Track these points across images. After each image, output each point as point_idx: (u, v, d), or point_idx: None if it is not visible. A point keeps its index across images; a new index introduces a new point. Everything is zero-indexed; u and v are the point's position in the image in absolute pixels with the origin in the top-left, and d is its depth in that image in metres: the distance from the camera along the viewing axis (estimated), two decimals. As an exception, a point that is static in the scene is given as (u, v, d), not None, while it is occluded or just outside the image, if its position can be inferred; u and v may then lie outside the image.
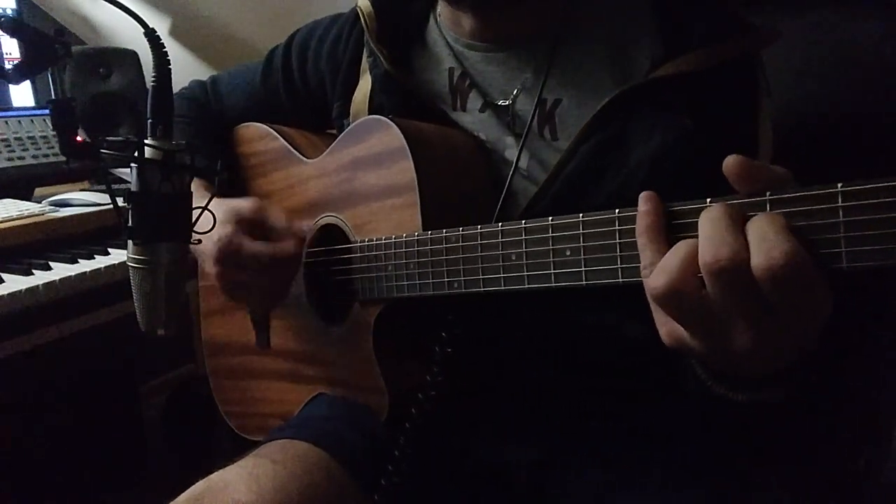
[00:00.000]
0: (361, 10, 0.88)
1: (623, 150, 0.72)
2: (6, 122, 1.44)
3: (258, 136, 1.04)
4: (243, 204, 0.89)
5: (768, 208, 0.47)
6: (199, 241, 0.71)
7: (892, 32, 0.84)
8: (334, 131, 0.95)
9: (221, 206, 0.87)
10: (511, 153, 0.80)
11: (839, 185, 0.44)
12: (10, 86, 1.49)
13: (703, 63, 0.69)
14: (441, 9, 0.87)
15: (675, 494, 0.74)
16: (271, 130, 1.02)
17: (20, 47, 0.65)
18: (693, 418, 0.78)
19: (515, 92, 0.79)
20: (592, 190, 0.72)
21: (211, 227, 0.75)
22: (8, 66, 1.44)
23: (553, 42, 0.77)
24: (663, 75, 0.70)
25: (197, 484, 0.72)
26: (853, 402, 0.86)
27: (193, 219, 0.68)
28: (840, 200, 0.44)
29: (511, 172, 0.78)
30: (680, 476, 0.75)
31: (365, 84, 0.89)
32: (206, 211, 0.70)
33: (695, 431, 0.79)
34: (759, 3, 0.87)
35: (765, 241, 0.45)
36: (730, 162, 0.49)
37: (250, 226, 0.88)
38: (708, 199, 0.50)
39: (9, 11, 1.51)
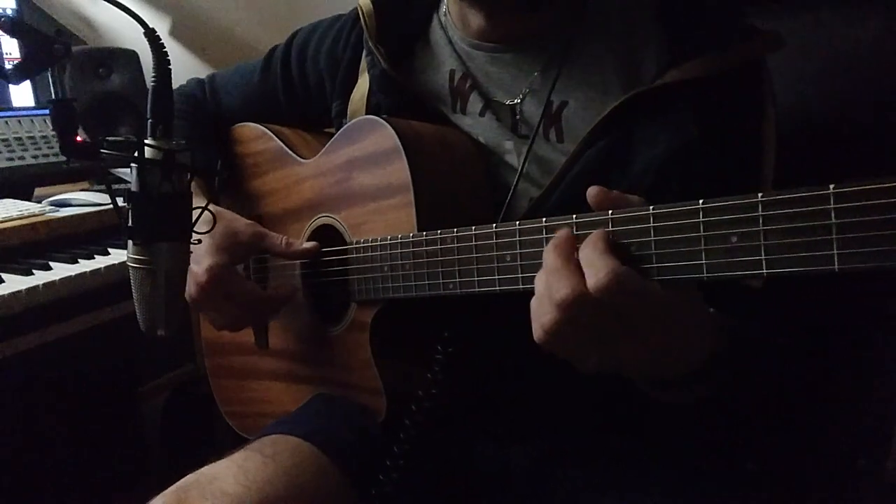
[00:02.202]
0: (361, 8, 0.88)
1: (628, 155, 0.72)
2: (6, 122, 1.43)
3: (254, 136, 1.04)
4: (240, 228, 0.89)
5: (760, 209, 0.47)
6: (199, 241, 0.71)
7: (892, 32, 0.84)
8: (332, 130, 0.95)
9: (218, 225, 0.88)
10: (511, 157, 0.80)
11: (832, 186, 0.44)
12: (10, 86, 1.49)
13: (710, 69, 0.69)
14: (449, 7, 0.86)
15: (675, 494, 0.73)
16: (267, 131, 1.02)
17: (20, 47, 0.65)
18: (692, 419, 0.78)
19: (523, 92, 0.79)
20: None
21: (211, 226, 0.75)
22: (8, 66, 1.44)
23: (562, 44, 0.77)
24: (670, 81, 0.70)
25: (187, 476, 0.73)
26: (853, 402, 0.86)
27: (193, 219, 0.68)
28: (832, 202, 0.44)
29: (518, 175, 0.77)
30: (680, 476, 0.75)
31: (363, 84, 0.89)
32: (205, 211, 0.70)
33: (694, 431, 0.79)
34: (759, 3, 0.87)
35: (591, 267, 0.52)
36: (591, 192, 0.56)
37: (244, 252, 0.89)
38: (700, 201, 0.50)
39: (9, 11, 1.51)
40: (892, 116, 0.84)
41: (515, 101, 0.80)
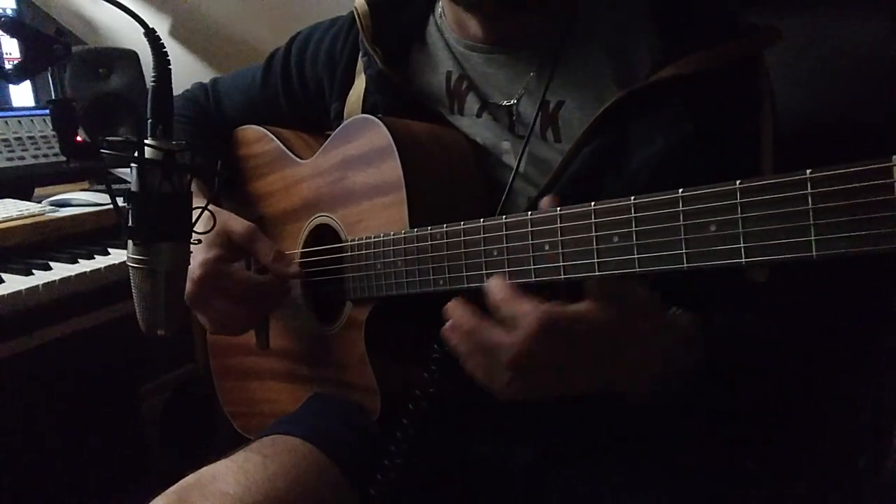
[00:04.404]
0: (357, 9, 0.88)
1: (625, 153, 0.72)
2: (6, 122, 1.43)
3: (255, 138, 1.05)
4: (235, 227, 0.88)
5: (738, 197, 0.48)
6: (199, 241, 0.71)
7: (893, 32, 0.84)
8: (331, 132, 0.95)
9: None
10: (509, 157, 0.80)
11: (808, 171, 0.44)
12: (10, 86, 1.49)
13: (705, 65, 0.69)
14: (444, 10, 0.86)
15: (674, 493, 0.73)
16: (267, 132, 1.02)
17: (20, 47, 0.65)
18: (689, 419, 0.78)
19: (519, 93, 0.79)
20: (594, 193, 0.72)
21: (211, 226, 0.75)
22: (8, 66, 1.44)
23: (557, 44, 0.77)
24: (665, 77, 0.69)
25: (187, 477, 0.73)
26: (853, 402, 0.86)
27: (193, 219, 0.68)
28: (809, 187, 0.44)
29: (513, 175, 0.77)
30: (678, 476, 0.75)
31: (360, 84, 0.89)
32: (205, 211, 0.70)
33: (692, 432, 0.79)
34: (759, 2, 0.87)
35: (514, 320, 0.57)
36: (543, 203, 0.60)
37: (237, 251, 0.88)
38: (680, 190, 0.51)
39: (9, 11, 1.51)
40: (893, 116, 0.84)
41: (512, 101, 0.80)
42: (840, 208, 0.43)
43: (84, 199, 1.34)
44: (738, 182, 0.48)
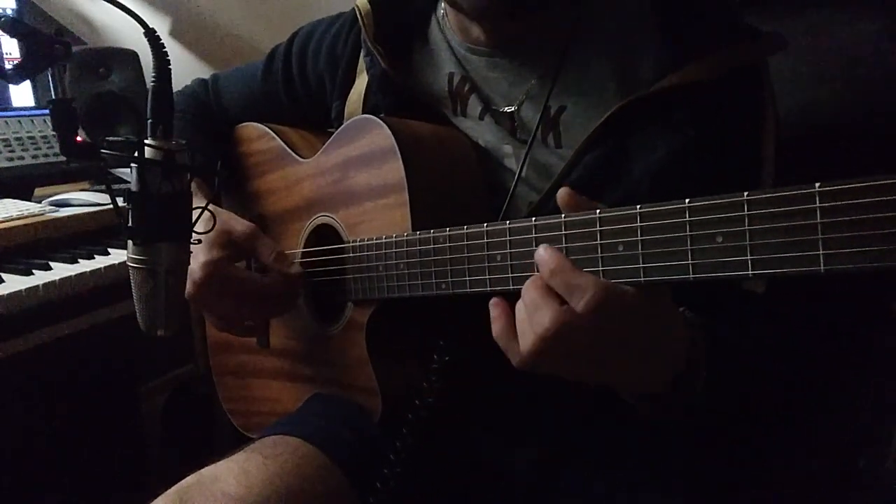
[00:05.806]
0: (359, 8, 0.88)
1: (627, 160, 0.71)
2: (6, 122, 1.44)
3: (256, 135, 1.04)
4: (236, 227, 0.87)
5: (746, 209, 0.47)
6: (199, 241, 0.71)
7: (893, 32, 0.84)
8: (333, 130, 0.95)
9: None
10: (510, 161, 0.80)
11: (817, 185, 0.44)
12: (10, 86, 1.49)
13: (709, 73, 0.68)
14: (447, 12, 0.86)
15: (676, 494, 0.74)
16: (268, 130, 1.02)
17: (20, 47, 0.65)
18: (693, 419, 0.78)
19: (521, 99, 0.79)
20: (595, 200, 0.72)
21: (212, 226, 0.75)
22: (8, 66, 1.44)
23: (559, 49, 0.77)
24: (668, 86, 0.69)
25: (188, 477, 0.73)
26: (853, 402, 0.86)
27: (193, 219, 0.68)
28: (818, 201, 0.44)
29: (515, 181, 0.77)
30: (681, 476, 0.75)
31: (361, 84, 0.89)
32: (205, 211, 0.70)
33: (695, 431, 0.79)
34: (759, 3, 0.87)
35: (576, 290, 0.53)
36: (562, 193, 0.57)
37: (239, 251, 0.87)
38: (687, 200, 0.50)
39: (9, 11, 1.51)
40: (892, 116, 0.84)
41: (513, 108, 0.79)
42: (849, 223, 0.42)
43: (84, 199, 1.34)
44: (745, 194, 0.47)
